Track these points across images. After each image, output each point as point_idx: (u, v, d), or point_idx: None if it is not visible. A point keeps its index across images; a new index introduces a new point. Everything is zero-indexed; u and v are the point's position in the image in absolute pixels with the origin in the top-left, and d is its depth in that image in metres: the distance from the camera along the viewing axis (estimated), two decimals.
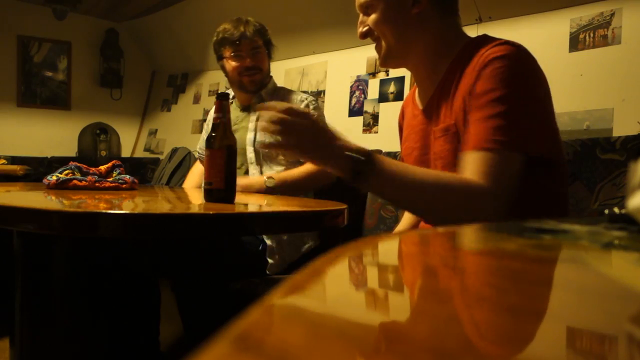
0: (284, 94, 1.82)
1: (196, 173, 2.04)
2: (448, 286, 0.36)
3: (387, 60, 1.05)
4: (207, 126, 2.03)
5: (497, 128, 0.84)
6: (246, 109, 1.85)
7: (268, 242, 1.63)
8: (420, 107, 1.07)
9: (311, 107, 1.76)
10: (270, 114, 0.85)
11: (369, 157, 0.83)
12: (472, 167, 0.85)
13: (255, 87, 1.79)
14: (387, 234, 1.61)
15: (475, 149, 0.85)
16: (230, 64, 1.78)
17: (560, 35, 1.81)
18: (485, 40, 0.94)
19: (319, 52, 2.75)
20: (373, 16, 1.02)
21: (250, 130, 1.79)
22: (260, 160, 1.75)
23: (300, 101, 1.77)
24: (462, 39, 1.01)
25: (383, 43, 1.03)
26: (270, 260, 1.62)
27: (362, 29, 1.04)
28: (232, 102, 1.94)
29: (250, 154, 1.77)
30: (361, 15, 1.05)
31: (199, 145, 2.06)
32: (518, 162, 0.85)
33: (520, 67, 0.88)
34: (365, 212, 1.91)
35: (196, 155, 2.12)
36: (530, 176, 0.88)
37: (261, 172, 1.74)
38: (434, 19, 1.00)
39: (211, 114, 2.01)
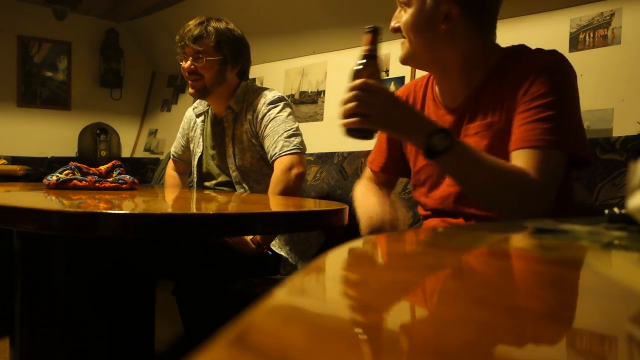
0: (253, 97, 1.68)
1: (173, 176, 1.98)
2: (447, 286, 0.36)
3: (407, 62, 1.07)
4: (183, 129, 1.93)
5: (548, 129, 0.91)
6: (220, 122, 1.74)
7: (281, 252, 1.61)
8: (449, 107, 1.08)
9: (280, 106, 1.62)
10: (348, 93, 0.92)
11: (447, 136, 0.88)
12: (525, 162, 0.91)
13: (197, 94, 1.67)
14: (387, 233, 1.60)
15: (527, 145, 0.92)
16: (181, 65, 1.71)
17: (560, 35, 1.81)
18: (528, 49, 1.02)
19: (319, 52, 2.74)
20: (405, 17, 1.02)
21: (227, 146, 1.69)
22: (247, 178, 1.68)
23: (265, 104, 1.63)
24: (497, 48, 1.06)
25: (407, 44, 1.04)
26: (283, 272, 1.61)
27: (394, 24, 1.04)
28: (207, 111, 1.82)
29: (234, 173, 1.68)
30: (398, 9, 1.05)
31: (174, 147, 1.97)
32: (562, 162, 0.93)
33: (568, 76, 0.96)
34: None
35: (172, 155, 1.99)
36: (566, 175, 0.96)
37: (249, 189, 1.68)
38: (467, 35, 1.01)
39: (187, 117, 1.91)
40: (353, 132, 0.94)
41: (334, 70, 2.67)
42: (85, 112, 3.75)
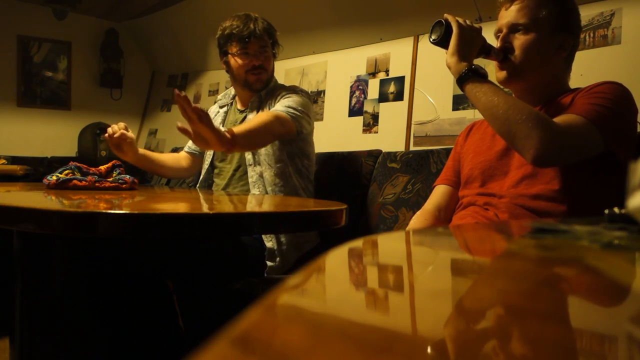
0: (280, 91, 1.81)
1: (178, 155, 1.99)
2: (448, 286, 0.36)
3: (511, 78, 1.22)
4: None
5: (594, 111, 1.10)
6: (243, 111, 1.84)
7: (268, 244, 1.62)
8: None
9: (300, 94, 1.76)
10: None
11: (481, 71, 1.12)
12: (559, 118, 1.09)
13: (261, 86, 1.80)
14: (387, 233, 1.61)
15: (572, 113, 1.11)
16: (237, 62, 1.76)
17: None
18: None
19: (319, 52, 2.74)
20: (525, 38, 1.18)
21: None
22: (260, 160, 1.74)
23: (287, 89, 1.78)
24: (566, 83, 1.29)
25: (517, 63, 1.19)
26: (270, 263, 1.62)
27: (503, 44, 1.21)
28: (232, 103, 1.93)
29: (249, 155, 1.75)
30: (505, 30, 1.21)
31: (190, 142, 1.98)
32: (591, 133, 1.08)
33: (622, 90, 1.17)
34: (365, 212, 1.91)
35: (186, 148, 2.00)
36: (600, 169, 1.12)
37: (260, 174, 1.73)
38: (562, 66, 1.25)
39: (212, 111, 2.00)
40: (439, 25, 1.16)
41: (334, 70, 2.67)
42: (85, 112, 3.75)
